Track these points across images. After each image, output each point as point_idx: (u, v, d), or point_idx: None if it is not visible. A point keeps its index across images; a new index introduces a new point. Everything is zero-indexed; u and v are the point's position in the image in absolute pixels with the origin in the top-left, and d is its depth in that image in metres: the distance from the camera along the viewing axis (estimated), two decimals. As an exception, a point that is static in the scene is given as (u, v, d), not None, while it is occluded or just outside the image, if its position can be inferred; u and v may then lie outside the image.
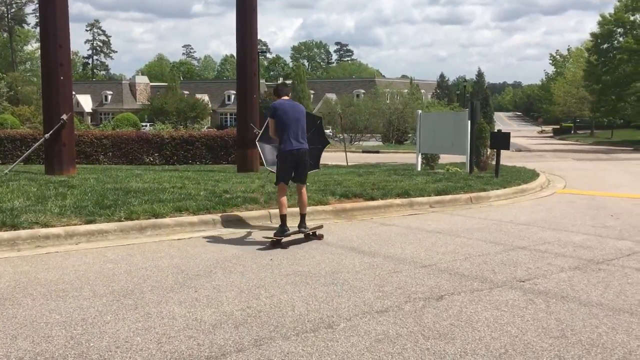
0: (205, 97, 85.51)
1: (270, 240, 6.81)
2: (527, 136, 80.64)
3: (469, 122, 14.10)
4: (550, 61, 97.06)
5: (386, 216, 9.12)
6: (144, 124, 62.44)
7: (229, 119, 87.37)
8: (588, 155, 30.86)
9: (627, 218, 9.06)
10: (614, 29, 55.98)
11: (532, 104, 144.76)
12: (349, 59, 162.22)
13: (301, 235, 7.15)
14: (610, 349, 3.75)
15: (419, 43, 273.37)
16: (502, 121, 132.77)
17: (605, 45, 56.28)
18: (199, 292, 4.90)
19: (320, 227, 7.49)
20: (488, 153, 15.97)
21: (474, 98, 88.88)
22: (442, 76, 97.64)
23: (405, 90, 54.84)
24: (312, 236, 7.22)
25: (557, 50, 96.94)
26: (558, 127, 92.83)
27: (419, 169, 15.45)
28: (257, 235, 7.41)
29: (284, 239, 6.87)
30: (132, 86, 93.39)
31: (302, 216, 7.20)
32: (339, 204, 9.25)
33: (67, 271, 5.54)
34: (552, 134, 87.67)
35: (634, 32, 54.18)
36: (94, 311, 4.38)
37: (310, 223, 7.57)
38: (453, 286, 5.15)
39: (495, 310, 4.49)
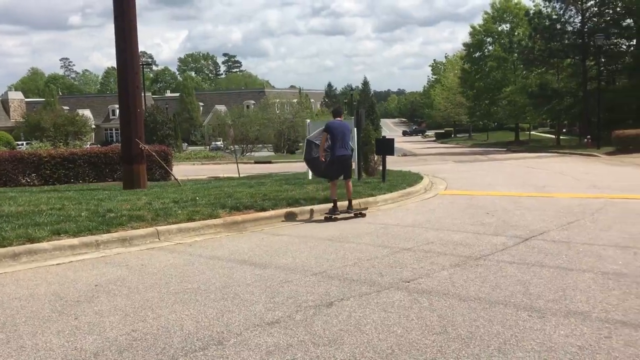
0: (88, 112, 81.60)
1: (324, 217, 9.64)
2: (412, 141, 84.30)
3: (356, 129, 14.47)
4: (431, 69, 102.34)
5: (278, 226, 9.13)
6: (19, 142, 58.30)
7: (114, 135, 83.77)
8: (467, 157, 32.76)
9: (501, 215, 9.69)
10: (484, 38, 60.09)
11: (416, 110, 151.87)
12: (237, 70, 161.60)
13: (351, 214, 9.82)
14: (487, 340, 3.97)
15: (306, 53, 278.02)
16: (389, 127, 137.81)
17: (477, 54, 60.24)
18: (80, 319, 4.63)
19: (366, 208, 10.33)
20: (375, 159, 16.47)
21: (360, 106, 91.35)
22: (329, 85, 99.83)
23: (295, 100, 55.55)
24: (358, 215, 9.86)
25: (435, 60, 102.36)
26: (442, 131, 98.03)
27: (310, 177, 15.61)
28: (144, 255, 7.14)
29: (334, 216, 9.62)
30: (5, 103, 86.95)
31: (350, 201, 10.05)
32: (229, 216, 9.13)
33: None
34: (434, 138, 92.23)
35: (501, 41, 58.52)
36: (-41, 350, 4.00)
37: (199, 238, 7.47)
38: (342, 292, 5.24)
39: (383, 312, 4.61)
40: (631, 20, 39.69)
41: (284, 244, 7.67)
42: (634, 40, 40.30)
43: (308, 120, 17.33)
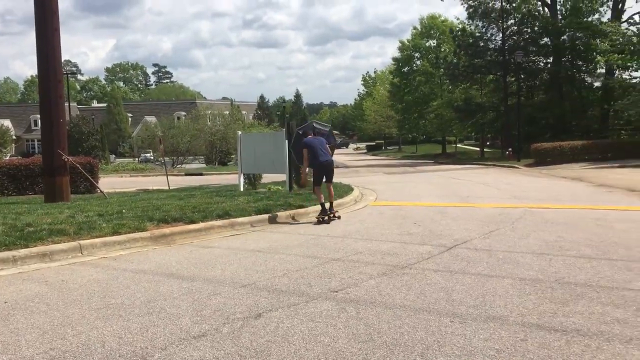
0: (8, 122, 77.79)
1: (317, 220, 10.55)
2: (344, 153, 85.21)
3: (287, 141, 14.52)
4: (362, 82, 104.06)
5: (207, 239, 9.01)
6: None
7: (36, 146, 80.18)
8: (397, 169, 33.49)
9: (428, 225, 9.96)
10: (412, 53, 61.85)
11: (347, 123, 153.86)
12: (168, 80, 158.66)
13: (333, 216, 10.83)
14: (411, 347, 4.06)
15: (238, 65, 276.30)
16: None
17: (406, 69, 61.93)
18: (-7, 339, 4.38)
19: (330, 215, 10.85)
20: (307, 170, 16.56)
21: (293, 118, 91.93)
22: (262, 97, 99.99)
23: (227, 112, 54.97)
24: (335, 218, 10.84)
25: (367, 73, 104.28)
26: (372, 143, 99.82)
27: (242, 189, 15.53)
28: (66, 270, 6.86)
29: (326, 218, 10.58)
30: None
31: (331, 204, 11.10)
32: (157, 229, 8.93)
33: None
34: (366, 151, 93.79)
35: (429, 56, 60.42)
36: None
37: (125, 252, 7.29)
38: (271, 303, 5.22)
39: (310, 322, 4.63)
40: (548, 39, 41.95)
41: (213, 256, 7.57)
42: (550, 58, 42.55)
43: (239, 132, 17.23)
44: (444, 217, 10.81)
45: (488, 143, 68.79)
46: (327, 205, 10.87)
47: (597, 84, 42.00)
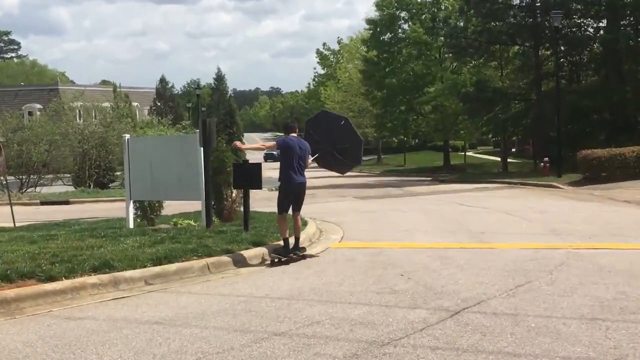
0: None
1: (271, 261, 11.84)
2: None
3: (202, 149, 14.48)
4: (319, 59, 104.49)
5: (76, 305, 8.89)
6: None
7: None
8: (375, 191, 33.74)
9: (422, 276, 10.06)
10: (397, 12, 62.00)
11: (298, 120, 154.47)
12: (13, 55, 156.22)
13: (300, 255, 12.12)
14: None
15: (126, 30, 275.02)
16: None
17: (388, 36, 62.28)
18: None
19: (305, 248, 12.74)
20: (234, 195, 16.55)
21: (213, 113, 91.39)
22: (163, 81, 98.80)
23: (108, 104, 54.35)
24: (307, 257, 12.22)
25: (326, 44, 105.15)
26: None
27: (131, 225, 15.37)
28: None
29: (286, 258, 11.81)
30: None
31: (297, 240, 12.36)
32: (-6, 292, 8.76)
33: None
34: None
35: (423, 16, 60.79)
36: None
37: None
38: (177, 406, 5.18)
39: None
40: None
41: (84, 333, 7.47)
42: (604, 21, 43.51)
43: (127, 136, 17.02)
44: (447, 265, 10.95)
45: (513, 150, 70.12)
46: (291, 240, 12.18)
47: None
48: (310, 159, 12.96)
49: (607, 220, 16.80)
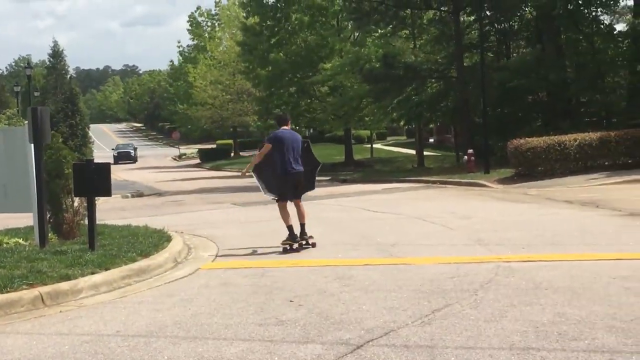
0: None
1: (282, 248, 14.92)
2: (156, 167, 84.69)
3: (33, 146, 14.18)
4: (189, 25, 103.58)
5: None
6: None
7: None
8: (259, 196, 33.56)
9: (316, 302, 10.08)
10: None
11: (160, 107, 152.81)
12: None
13: (306, 243, 15.35)
14: None
15: None
16: (109, 140, 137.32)
17: (272, -1, 62.14)
18: None
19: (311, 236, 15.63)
20: (77, 205, 16.26)
21: (49, 99, 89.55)
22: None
23: None
24: (309, 246, 15.41)
25: (199, 8, 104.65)
26: (213, 146, 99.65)
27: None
28: None
29: (295, 245, 15.01)
30: None
31: (303, 226, 15.37)
32: None
33: None
34: (199, 160, 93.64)
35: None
36: None
37: None
38: None
39: None
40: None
41: None
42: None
43: None
44: (348, 287, 11.02)
45: (431, 140, 71.29)
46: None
47: (620, 26, 44.39)
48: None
49: (545, 226, 17.17)
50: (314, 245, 15.30)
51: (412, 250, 14.46)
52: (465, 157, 39.01)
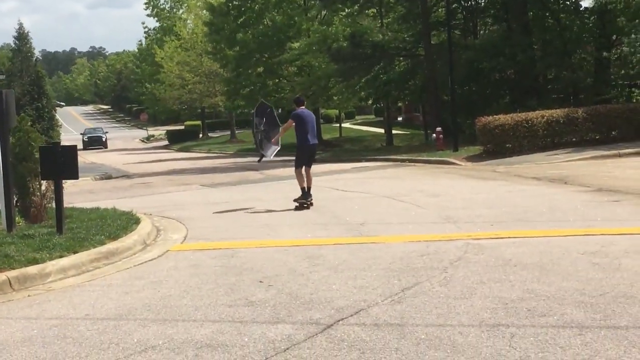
0: None
1: (295, 206, 18.18)
2: (123, 149, 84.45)
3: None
4: (149, 8, 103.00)
5: None
6: None
7: None
8: (228, 176, 33.58)
9: (286, 283, 10.08)
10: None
11: (128, 89, 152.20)
12: None
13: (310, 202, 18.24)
14: None
15: None
16: (77, 124, 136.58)
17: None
18: None
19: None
20: (44, 188, 16.15)
21: (15, 82, 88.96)
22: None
23: None
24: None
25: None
26: (181, 127, 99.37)
27: None
28: None
29: (307, 203, 18.19)
30: None
31: (309, 189, 18.55)
32: None
33: None
34: (167, 142, 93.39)
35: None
36: None
37: None
38: None
39: None
40: None
41: None
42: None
43: None
44: (317, 267, 11.03)
45: (400, 119, 71.35)
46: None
47: (586, 2, 44.72)
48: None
49: (513, 203, 17.27)
50: (311, 203, 18.23)
51: (381, 229, 14.49)
52: (434, 135, 38.98)
